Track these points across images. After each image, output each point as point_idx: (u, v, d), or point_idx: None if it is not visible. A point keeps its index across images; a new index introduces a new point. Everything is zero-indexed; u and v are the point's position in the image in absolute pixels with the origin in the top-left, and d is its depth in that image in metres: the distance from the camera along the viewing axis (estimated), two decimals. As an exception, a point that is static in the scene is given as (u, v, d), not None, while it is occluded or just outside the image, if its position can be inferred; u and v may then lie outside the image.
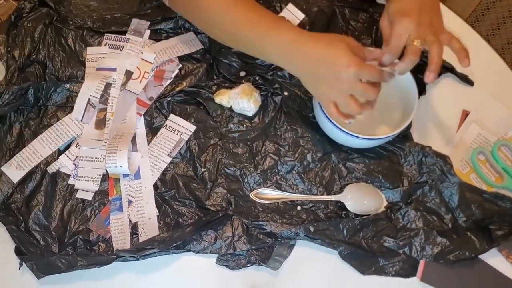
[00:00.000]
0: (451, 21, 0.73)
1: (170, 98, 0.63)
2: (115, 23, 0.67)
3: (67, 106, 0.63)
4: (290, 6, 0.69)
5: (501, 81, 0.68)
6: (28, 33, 0.65)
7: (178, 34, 0.67)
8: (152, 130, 0.62)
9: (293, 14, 0.68)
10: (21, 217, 0.57)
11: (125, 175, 0.60)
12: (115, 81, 0.64)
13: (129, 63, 0.65)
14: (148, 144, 0.61)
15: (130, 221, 0.58)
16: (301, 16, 0.68)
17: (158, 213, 0.58)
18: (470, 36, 0.71)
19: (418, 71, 0.66)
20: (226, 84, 0.64)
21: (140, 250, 0.54)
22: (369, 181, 0.60)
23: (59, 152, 0.61)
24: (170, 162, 0.60)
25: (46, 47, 0.65)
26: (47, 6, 0.67)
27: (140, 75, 0.64)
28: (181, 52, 0.66)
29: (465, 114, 0.65)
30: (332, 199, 0.59)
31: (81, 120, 0.62)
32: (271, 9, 0.69)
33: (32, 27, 0.66)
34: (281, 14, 0.68)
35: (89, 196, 0.59)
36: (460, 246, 0.56)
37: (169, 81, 0.65)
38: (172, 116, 0.63)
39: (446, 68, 0.66)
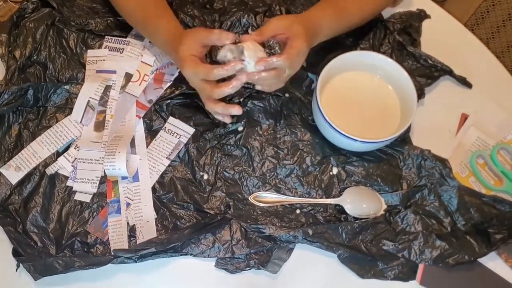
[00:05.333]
0: (450, 24, 0.73)
1: (169, 101, 0.63)
2: (117, 26, 0.67)
3: (66, 107, 0.63)
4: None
5: (500, 84, 0.68)
6: (30, 33, 0.66)
7: (178, 37, 0.67)
8: (151, 133, 0.62)
9: None
10: (19, 219, 0.57)
11: (123, 178, 0.59)
12: (114, 84, 0.64)
13: (129, 66, 0.65)
14: (147, 146, 0.61)
15: (128, 223, 0.57)
16: None
17: (156, 216, 0.58)
18: (470, 39, 0.72)
19: (417, 74, 0.67)
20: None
21: (138, 250, 0.53)
22: (368, 185, 0.60)
23: (58, 154, 0.61)
24: (169, 165, 0.60)
25: (47, 48, 0.66)
26: (50, 6, 0.67)
27: (139, 78, 0.64)
28: (180, 54, 0.66)
29: (464, 118, 0.65)
30: (331, 203, 0.59)
31: (80, 122, 0.62)
32: (269, 13, 0.69)
33: (34, 27, 0.66)
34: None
35: (87, 198, 0.59)
36: (459, 249, 0.56)
37: (168, 84, 0.65)
38: (171, 119, 0.63)
39: (444, 71, 0.66)
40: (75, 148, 0.61)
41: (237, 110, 0.53)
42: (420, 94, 0.64)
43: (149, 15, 0.59)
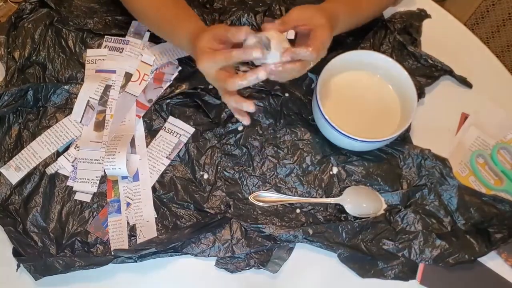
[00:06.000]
0: (450, 24, 0.73)
1: (169, 101, 0.63)
2: (116, 25, 0.67)
3: (66, 107, 0.63)
4: None
5: (500, 84, 0.68)
6: (28, 34, 0.65)
7: (177, 37, 0.67)
8: (151, 132, 0.62)
9: None
10: (19, 219, 0.57)
11: (123, 177, 0.59)
12: (114, 83, 0.64)
13: (129, 65, 0.65)
14: (147, 146, 0.61)
15: (128, 223, 0.57)
16: None
17: (156, 216, 0.58)
18: (469, 39, 0.72)
19: (418, 74, 0.67)
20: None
21: (138, 250, 0.53)
22: (368, 184, 0.60)
23: (58, 154, 0.61)
24: (169, 165, 0.60)
25: (46, 48, 0.65)
26: (48, 7, 0.67)
27: (139, 77, 0.64)
28: (180, 54, 0.66)
29: (464, 117, 0.65)
30: (331, 202, 0.59)
31: (80, 122, 0.62)
32: (269, 13, 0.69)
33: (33, 28, 0.66)
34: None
35: (87, 198, 0.59)
36: (459, 249, 0.56)
37: (168, 84, 0.65)
38: (171, 118, 0.63)
39: (444, 71, 0.66)
40: (75, 148, 0.61)
41: (248, 105, 0.50)
42: (420, 94, 0.64)
43: (170, 17, 0.58)
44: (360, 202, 0.58)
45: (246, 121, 0.54)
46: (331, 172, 0.60)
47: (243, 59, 0.49)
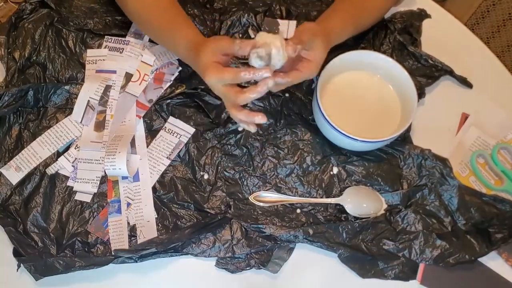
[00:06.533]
0: (451, 24, 0.73)
1: (169, 101, 0.63)
2: (116, 25, 0.67)
3: (66, 108, 0.63)
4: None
5: (500, 84, 0.68)
6: (29, 34, 0.65)
7: (178, 37, 0.67)
8: (151, 133, 0.62)
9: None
10: (19, 219, 0.57)
11: (124, 177, 0.60)
12: (114, 83, 0.64)
13: (129, 66, 0.65)
14: (147, 146, 0.61)
15: (128, 223, 0.57)
16: None
17: (156, 216, 0.58)
18: (470, 39, 0.72)
19: (418, 74, 0.67)
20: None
21: (138, 250, 0.53)
22: (368, 184, 0.60)
23: (58, 154, 0.61)
24: (169, 165, 0.60)
25: (46, 48, 0.66)
26: (48, 7, 0.67)
27: (139, 78, 0.64)
28: (180, 54, 0.66)
29: (465, 117, 0.65)
30: (332, 202, 0.59)
31: (81, 122, 0.62)
32: (269, 13, 0.69)
33: (33, 28, 0.66)
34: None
35: (87, 198, 0.59)
36: (459, 249, 0.56)
37: (168, 84, 0.65)
38: (171, 119, 0.63)
39: (445, 71, 0.66)
40: (75, 148, 0.61)
41: (260, 118, 0.50)
42: (421, 94, 0.64)
43: (167, 23, 0.58)
44: (360, 202, 0.58)
45: (253, 128, 0.53)
46: (331, 172, 0.60)
47: (252, 80, 0.49)
